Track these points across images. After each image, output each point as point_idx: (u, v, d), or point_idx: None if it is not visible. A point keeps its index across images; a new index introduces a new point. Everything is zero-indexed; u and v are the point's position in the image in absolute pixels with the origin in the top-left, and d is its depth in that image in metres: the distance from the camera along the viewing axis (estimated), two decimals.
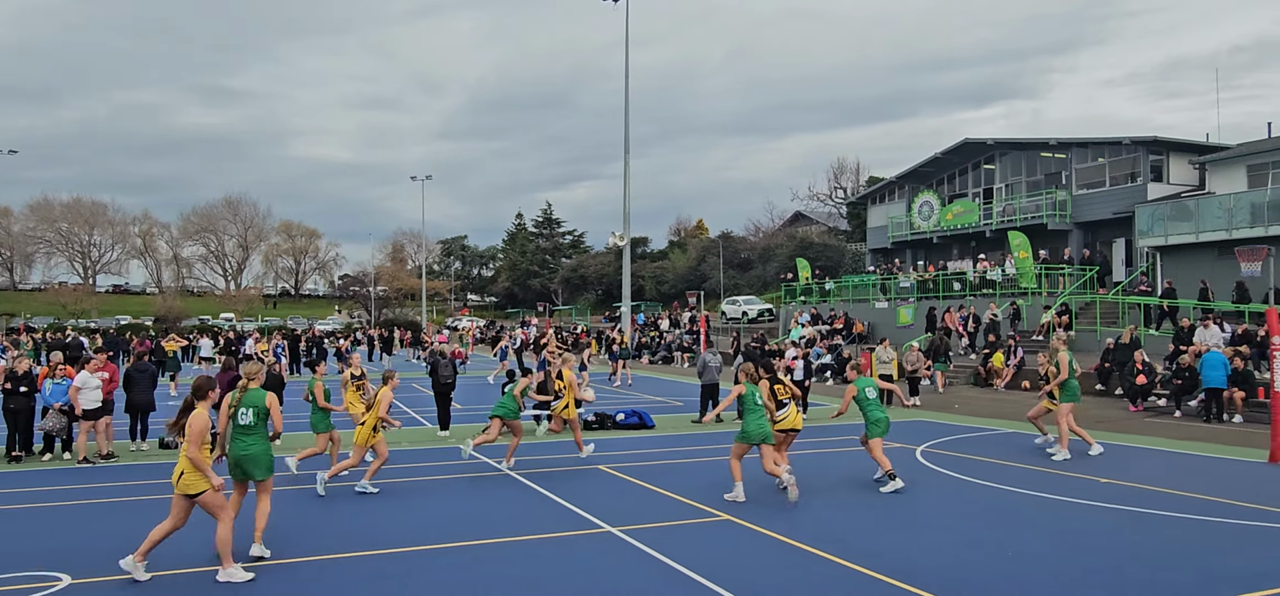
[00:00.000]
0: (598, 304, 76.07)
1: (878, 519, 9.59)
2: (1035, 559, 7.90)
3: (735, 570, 7.59)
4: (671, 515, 9.74)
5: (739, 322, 47.96)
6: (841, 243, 61.42)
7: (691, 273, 67.68)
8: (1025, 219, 36.67)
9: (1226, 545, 8.29)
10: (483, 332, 61.89)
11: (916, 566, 7.63)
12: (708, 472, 12.59)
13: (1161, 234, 29.82)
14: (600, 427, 17.31)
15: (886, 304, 36.29)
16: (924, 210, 41.93)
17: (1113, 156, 35.05)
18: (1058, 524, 9.25)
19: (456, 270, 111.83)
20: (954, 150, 41.23)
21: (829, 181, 74.59)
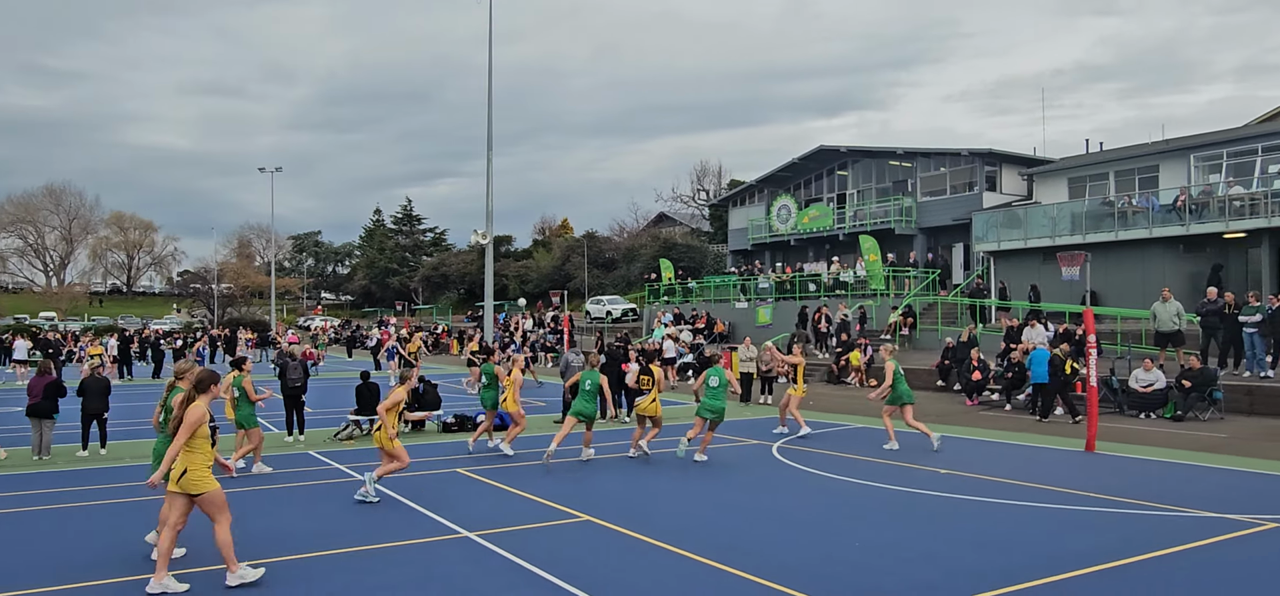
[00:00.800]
0: (460, 303, 74.60)
1: (735, 514, 9.78)
2: (879, 547, 8.26)
3: (594, 571, 7.55)
4: (531, 517, 9.60)
5: (603, 322, 48.12)
6: (704, 244, 62.71)
7: (556, 272, 67.42)
8: (875, 223, 38.53)
9: (1049, 529, 8.92)
10: (337, 332, 59.51)
11: (771, 559, 7.82)
12: (569, 473, 12.51)
13: (995, 240, 31.99)
14: (460, 429, 16.92)
15: (746, 304, 37.28)
16: (782, 213, 43.38)
17: (953, 166, 37.35)
18: (901, 513, 9.71)
19: (309, 267, 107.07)
20: (810, 156, 42.86)
21: (692, 183, 76.10)
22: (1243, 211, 25.26)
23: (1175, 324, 20.22)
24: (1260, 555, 7.88)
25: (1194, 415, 17.03)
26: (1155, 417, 17.40)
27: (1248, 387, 18.02)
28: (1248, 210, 25.15)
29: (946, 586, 7.01)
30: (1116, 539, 8.41)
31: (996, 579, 7.17)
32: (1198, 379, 17.20)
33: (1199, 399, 17.14)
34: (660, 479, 12.08)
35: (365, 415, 16.23)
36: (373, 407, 16.25)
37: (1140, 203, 28.35)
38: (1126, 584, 7.07)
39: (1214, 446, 14.05)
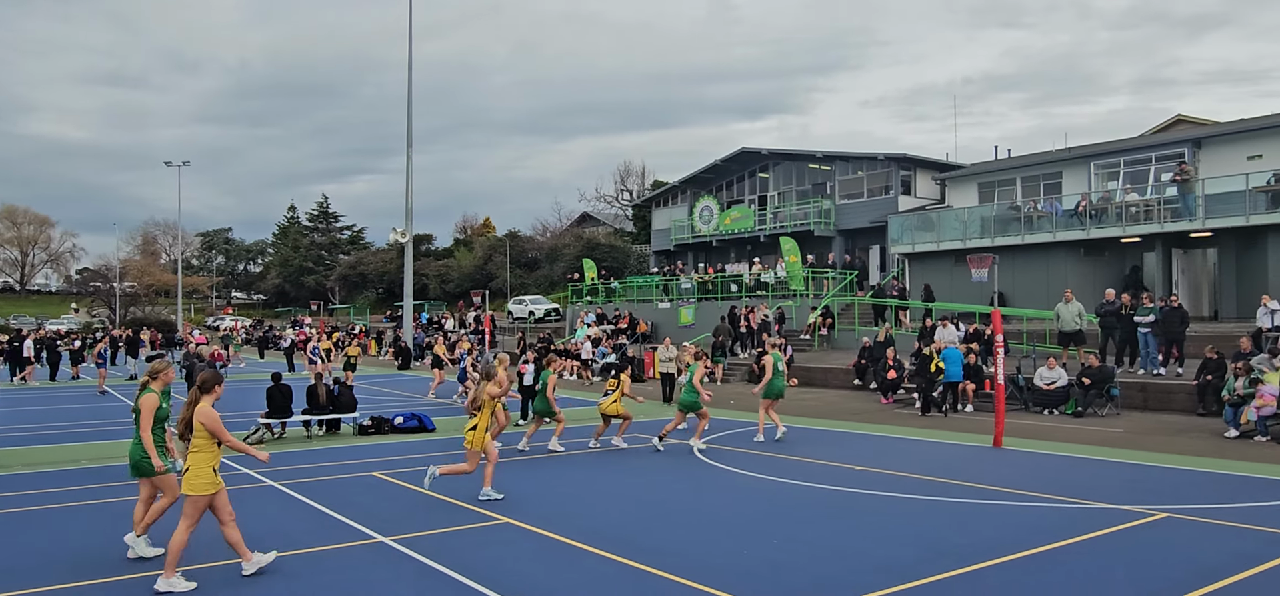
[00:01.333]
0: (378, 302, 73.00)
1: (655, 514, 9.79)
2: (796, 543, 8.37)
3: (511, 574, 7.45)
4: (449, 521, 9.42)
5: (526, 322, 47.75)
6: (627, 244, 62.81)
7: (478, 271, 66.60)
8: (795, 225, 39.20)
9: (958, 522, 9.18)
10: (249, 333, 57.58)
11: (690, 558, 7.84)
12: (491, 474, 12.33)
13: (909, 242, 32.90)
14: (377, 432, 16.53)
15: (669, 304, 37.46)
16: (704, 214, 43.76)
17: (870, 171, 38.27)
18: (818, 510, 9.86)
19: (219, 265, 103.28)
20: (732, 158, 43.35)
21: (616, 184, 76.13)
22: (1138, 217, 26.55)
23: (1077, 324, 21.12)
24: (1151, 543, 8.26)
25: (1093, 411, 17.81)
26: (1058, 414, 18.13)
27: (1142, 384, 18.93)
28: (1142, 216, 26.45)
29: (858, 580, 7.14)
30: (1021, 530, 8.71)
31: (906, 571, 7.34)
32: (1096, 376, 17.99)
33: (1098, 395, 17.93)
34: (581, 480, 12.01)
35: (276, 418, 15.71)
36: (285, 411, 15.76)
37: (1045, 208, 29.54)
38: (1030, 573, 7.32)
39: (1111, 440, 14.71)
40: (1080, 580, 7.14)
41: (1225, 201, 24.70)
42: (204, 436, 7.13)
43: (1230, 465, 12.32)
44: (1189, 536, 8.48)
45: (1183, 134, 31.47)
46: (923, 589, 6.96)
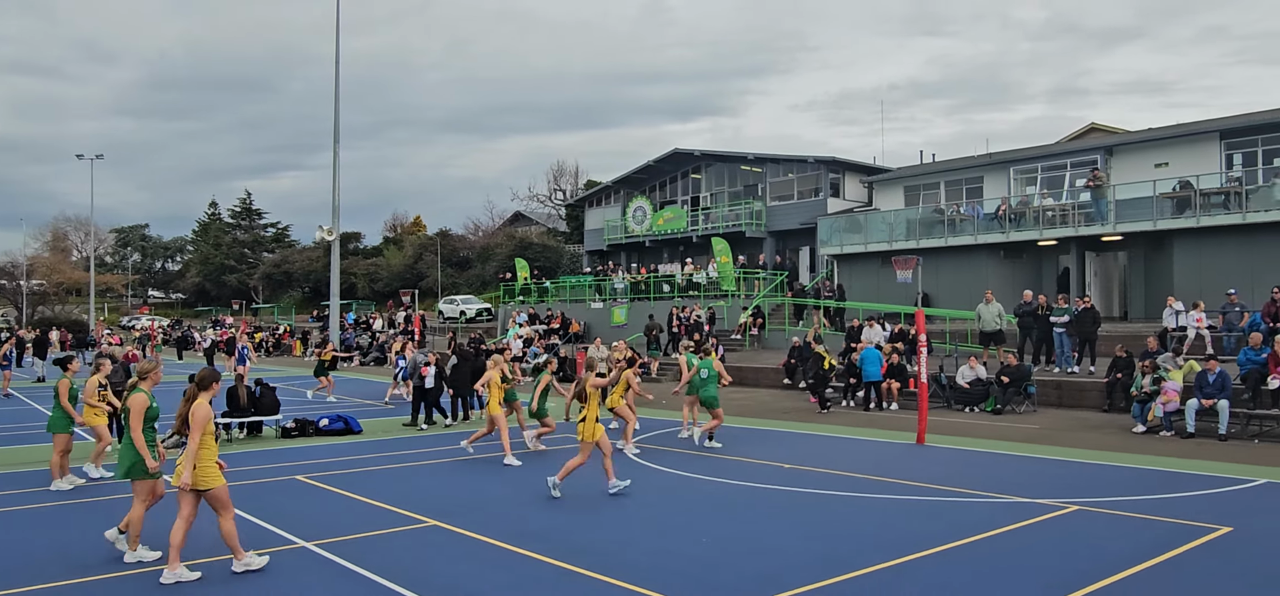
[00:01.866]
0: (304, 302, 71.21)
1: (586, 514, 9.76)
2: (724, 541, 8.44)
3: (438, 577, 7.34)
4: (376, 524, 9.24)
5: (457, 322, 47.16)
6: (560, 244, 62.55)
7: (408, 270, 65.51)
8: (727, 226, 39.56)
9: (883, 518, 9.39)
10: (167, 333, 55.57)
11: (619, 558, 7.83)
12: (418, 477, 12.16)
13: (838, 243, 33.51)
14: (301, 435, 16.11)
15: (602, 305, 37.44)
16: (637, 215, 43.85)
17: (800, 173, 38.86)
18: (747, 507, 9.97)
19: (135, 263, 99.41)
20: (665, 159, 43.52)
21: (549, 183, 75.71)
22: (1054, 221, 27.55)
23: (997, 324, 21.81)
24: (1062, 535, 8.56)
25: (1012, 408, 18.40)
26: (978, 411, 18.68)
27: (1057, 382, 19.64)
28: (1058, 220, 27.45)
29: (786, 575, 7.24)
30: (943, 525, 8.94)
31: (832, 566, 7.46)
32: (1015, 375, 18.60)
33: (1016, 393, 18.53)
34: (513, 481, 11.91)
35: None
36: None
37: (967, 211, 30.43)
38: (950, 566, 7.52)
39: (1028, 436, 15.22)
40: (996, 572, 7.36)
41: (1135, 207, 25.80)
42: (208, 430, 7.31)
43: (1137, 459, 12.87)
44: (1097, 528, 8.82)
45: (1096, 142, 32.76)
46: (848, 583, 7.09)
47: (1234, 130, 26.89)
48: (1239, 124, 27.26)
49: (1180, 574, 7.26)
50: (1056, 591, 6.79)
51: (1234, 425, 14.58)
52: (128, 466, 7.89)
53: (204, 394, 7.46)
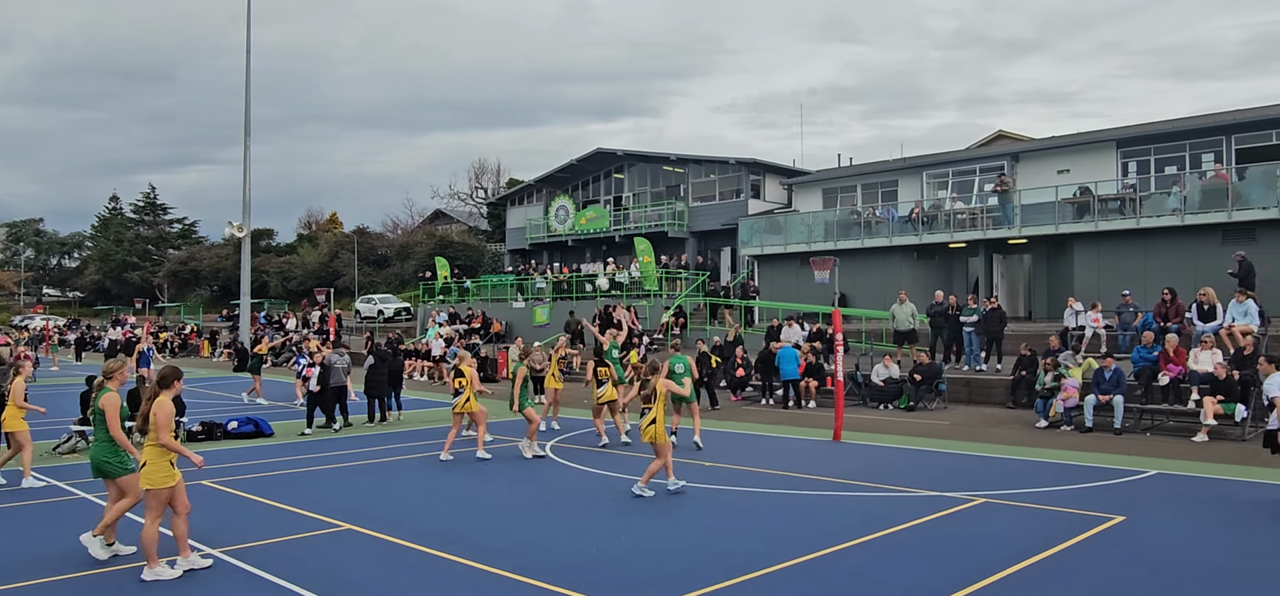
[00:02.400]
0: (212, 301, 68.67)
1: (507, 515, 9.66)
2: (644, 539, 8.47)
3: (351, 581, 7.18)
4: (288, 529, 8.97)
5: (375, 322, 46.17)
6: (482, 242, 61.85)
7: (323, 269, 63.82)
8: (649, 226, 39.73)
9: (801, 513, 9.56)
10: (63, 332, 52.86)
11: (541, 559, 7.78)
12: (333, 480, 11.85)
13: (759, 244, 34.01)
14: (208, 438, 15.52)
15: (523, 304, 37.16)
16: (560, 214, 43.67)
17: (721, 174, 39.29)
18: (667, 506, 10.02)
19: (28, 259, 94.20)
20: (588, 158, 43.46)
21: (470, 181, 74.78)
22: (964, 224, 28.52)
23: (910, 323, 22.46)
24: (968, 527, 8.87)
25: (924, 405, 18.97)
26: (892, 408, 19.20)
27: (966, 379, 20.33)
28: (968, 223, 28.43)
29: (703, 572, 7.30)
30: (857, 519, 9.15)
31: (751, 562, 7.56)
32: (927, 373, 19.18)
33: (928, 390, 19.11)
34: (431, 483, 11.72)
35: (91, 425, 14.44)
36: None
37: (882, 214, 31.25)
38: (863, 559, 7.71)
39: (939, 432, 15.71)
40: (906, 563, 7.57)
41: (1038, 211, 26.90)
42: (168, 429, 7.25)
43: (1039, 452, 13.42)
44: (1001, 519, 9.16)
45: (1003, 148, 34.06)
46: (766, 578, 7.19)
47: (1129, 140, 28.30)
48: (1134, 134, 28.71)
49: (1077, 561, 7.59)
50: (962, 581, 7.02)
51: (1128, 419, 15.33)
52: (97, 464, 7.90)
53: (165, 392, 7.43)
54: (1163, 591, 6.79)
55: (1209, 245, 22.91)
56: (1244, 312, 16.57)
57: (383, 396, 18.21)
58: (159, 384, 7.54)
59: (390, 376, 18.64)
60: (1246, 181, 23.29)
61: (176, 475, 7.37)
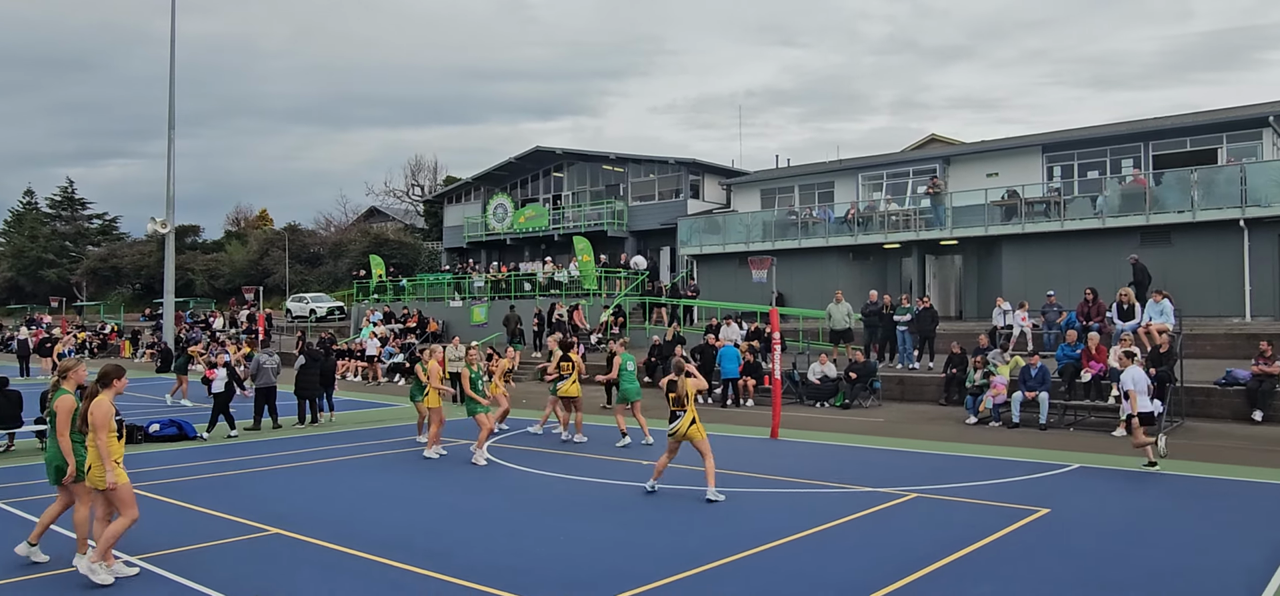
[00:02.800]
0: (134, 299, 66.29)
1: (443, 517, 9.51)
2: (581, 539, 8.42)
3: (279, 587, 6.97)
4: (213, 535, 8.67)
5: (306, 321, 45.11)
6: (418, 241, 60.91)
7: (252, 267, 62.09)
8: (589, 225, 39.62)
9: (739, 510, 9.61)
10: None
11: (477, 560, 7.66)
12: (260, 484, 11.51)
13: (698, 244, 34.19)
14: (130, 441, 14.89)
15: (460, 303, 36.71)
16: (498, 212, 43.27)
17: (661, 174, 39.40)
18: (607, 506, 9.99)
19: None
20: (527, 156, 43.14)
21: (406, 179, 73.57)
22: (898, 225, 29.11)
23: (846, 322, 22.83)
24: (901, 520, 9.03)
25: (859, 403, 19.29)
26: (828, 406, 19.48)
27: (900, 377, 20.75)
28: (902, 224, 29.03)
29: (641, 570, 7.28)
30: (794, 515, 9.24)
31: (689, 560, 7.57)
32: (862, 371, 19.51)
33: (863, 388, 19.44)
34: (364, 485, 11.47)
35: (4, 428, 13.82)
36: (14, 419, 13.91)
37: (819, 215, 31.70)
38: (798, 555, 7.78)
39: (873, 429, 15.99)
40: (840, 557, 7.67)
41: (969, 213, 27.61)
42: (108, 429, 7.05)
43: (969, 448, 13.75)
44: (933, 513, 9.35)
45: (935, 152, 34.87)
46: (703, 575, 7.20)
47: (1054, 144, 29.23)
48: (1058, 139, 29.66)
49: (1004, 552, 7.78)
50: (896, 574, 7.13)
51: (1053, 415, 15.81)
52: (55, 468, 7.61)
53: (105, 390, 7.22)
54: (1084, 578, 7.00)
55: (1128, 247, 23.76)
56: (1160, 312, 17.24)
57: (314, 397, 17.80)
58: (98, 382, 7.29)
59: (322, 376, 18.24)
60: (1163, 186, 24.25)
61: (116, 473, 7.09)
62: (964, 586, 6.88)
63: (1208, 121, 26.75)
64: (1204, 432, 14.62)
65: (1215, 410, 16.03)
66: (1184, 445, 13.41)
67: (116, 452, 7.15)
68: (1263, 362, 15.56)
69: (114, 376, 7.37)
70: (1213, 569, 7.26)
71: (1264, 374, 15.46)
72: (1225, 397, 16.07)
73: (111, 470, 7.04)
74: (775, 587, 6.93)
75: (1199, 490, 10.37)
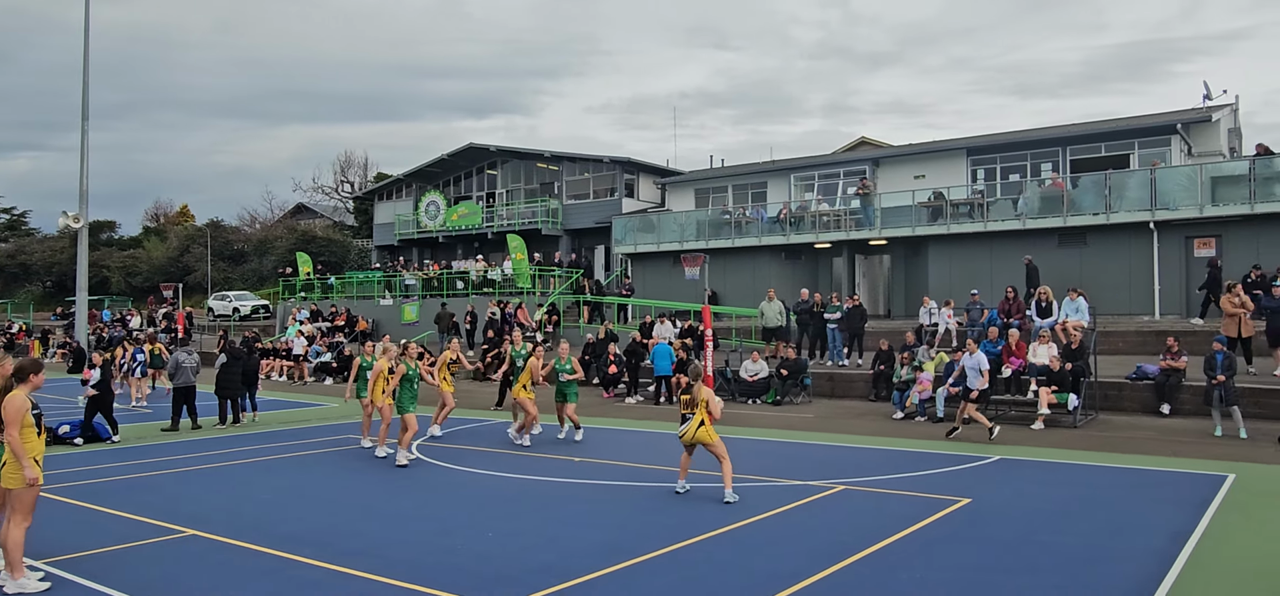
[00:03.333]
0: (45, 297, 63.44)
1: (366, 515, 9.29)
2: (512, 535, 8.32)
3: (193, 590, 6.70)
4: (126, 537, 8.32)
5: (230, 320, 43.77)
6: (347, 238, 59.65)
7: (172, 264, 60.00)
8: (523, 223, 39.33)
9: (670, 505, 9.63)
10: None
11: (400, 558, 7.51)
12: (179, 485, 11.11)
13: (632, 243, 34.22)
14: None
15: (391, 301, 36.07)
16: (431, 210, 42.65)
17: (596, 172, 39.34)
18: (536, 502, 9.90)
19: None
20: (460, 154, 42.62)
21: (336, 175, 71.99)
22: (829, 225, 29.60)
23: (778, 320, 23.11)
24: (829, 512, 9.17)
25: (790, 399, 19.53)
26: (760, 402, 19.68)
27: (830, 374, 21.09)
28: (832, 224, 29.53)
29: (571, 565, 7.22)
30: (723, 509, 9.29)
31: (616, 554, 7.54)
32: (793, 368, 19.76)
33: (794, 385, 19.69)
34: (285, 484, 11.15)
35: None
36: None
37: (752, 214, 32.04)
38: (727, 547, 7.82)
39: (804, 425, 16.20)
40: (768, 549, 7.74)
41: (897, 214, 28.23)
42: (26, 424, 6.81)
43: (896, 442, 14.04)
44: (860, 505, 9.51)
45: (865, 154, 35.55)
46: (632, 568, 7.18)
47: (978, 148, 30.09)
48: (982, 143, 30.54)
49: (927, 539, 7.96)
50: (822, 563, 7.23)
51: None
52: None
53: (21, 386, 6.95)
54: (1002, 565, 7.19)
55: (1047, 247, 24.61)
56: (1076, 309, 17.88)
57: (236, 397, 17.25)
58: (14, 376, 7.00)
59: (244, 376, 17.70)
60: (1079, 189, 25.17)
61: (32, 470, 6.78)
62: (887, 575, 7.00)
63: (1121, 128, 27.86)
64: (1116, 424, 15.19)
65: (1126, 403, 16.69)
66: (1097, 436, 13.92)
67: (35, 449, 6.85)
68: (1170, 358, 16.24)
69: (31, 371, 7.07)
70: (1122, 553, 7.54)
71: (1171, 369, 16.14)
72: (1135, 391, 16.73)
73: (28, 466, 6.70)
74: (705, 579, 6.95)
75: (1111, 479, 10.77)
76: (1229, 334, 16.19)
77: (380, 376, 13.33)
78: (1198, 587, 6.62)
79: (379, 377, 13.34)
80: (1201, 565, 7.15)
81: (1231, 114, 30.14)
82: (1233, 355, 14.80)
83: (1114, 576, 6.91)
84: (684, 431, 10.16)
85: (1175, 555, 7.39)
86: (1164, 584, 6.66)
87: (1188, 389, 16.00)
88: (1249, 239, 22.13)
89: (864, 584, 6.78)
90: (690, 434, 10.10)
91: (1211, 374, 14.16)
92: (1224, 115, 28.58)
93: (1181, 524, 8.41)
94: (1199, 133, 27.28)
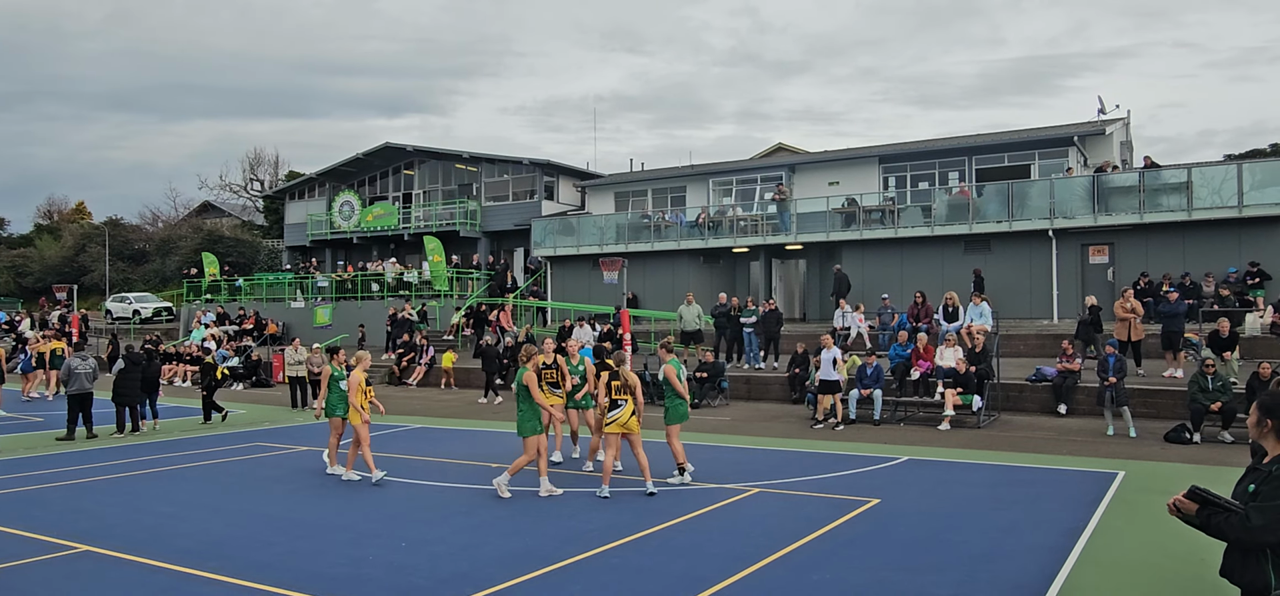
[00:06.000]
0: None
1: (269, 527, 9.01)
2: (424, 544, 8.18)
3: None
4: (12, 555, 7.87)
5: (129, 322, 41.84)
6: (257, 238, 57.71)
7: (67, 263, 57.05)
8: (440, 225, 38.71)
9: (587, 509, 9.61)
10: None
11: (307, 570, 7.30)
12: (71, 498, 10.56)
13: (552, 245, 34.06)
14: None
15: (303, 304, 35.04)
16: (345, 210, 41.60)
17: (515, 174, 39.01)
18: (452, 509, 9.75)
19: None
20: (375, 153, 41.70)
21: (244, 173, 69.56)
22: (746, 230, 30.03)
23: (697, 324, 23.32)
24: (744, 514, 9.30)
25: (707, 402, 19.74)
26: None
27: (747, 377, 21.39)
28: (750, 229, 29.97)
29: (485, 573, 7.15)
30: (640, 512, 9.32)
31: (530, 561, 7.49)
32: (711, 371, 19.97)
33: (712, 388, 19.91)
34: (187, 496, 10.71)
35: None
36: None
37: (671, 218, 32.26)
38: (644, 551, 7.85)
39: (721, 428, 16.39)
40: (684, 552, 7.80)
41: (812, 220, 28.83)
42: None
43: (809, 444, 14.33)
44: (774, 507, 9.67)
45: (781, 160, 36.17)
46: (548, 575, 7.14)
47: (889, 156, 30.97)
48: (893, 151, 31.45)
49: (838, 540, 8.15)
50: (737, 565, 7.32)
51: (885, 411, 16.72)
52: None
53: None
54: (907, 563, 7.42)
55: (953, 253, 25.51)
56: (980, 314, 18.58)
57: (135, 404, 16.51)
58: None
59: (144, 382, 16.94)
60: (984, 198, 26.16)
61: None
62: (800, 575, 7.14)
63: (1023, 139, 29.06)
64: (1017, 424, 15.84)
65: (1027, 404, 17.42)
66: (999, 436, 14.49)
67: None
68: (1066, 361, 17.02)
69: None
70: (1020, 549, 7.86)
71: (1067, 371, 16.91)
72: (1035, 393, 17.48)
73: None
74: (621, 583, 6.97)
75: (1011, 478, 11.22)
76: (1120, 338, 17.07)
77: (357, 389, 12.06)
78: (1088, 581, 6.96)
79: (356, 390, 12.06)
80: (1092, 560, 7.51)
81: (1123, 127, 31.79)
82: (1124, 358, 15.62)
83: (1012, 573, 7.20)
84: (616, 418, 10.11)
85: (1068, 550, 7.74)
86: (1057, 580, 6.97)
87: (1083, 390, 16.80)
88: (1139, 246, 23.38)
89: (778, 585, 6.89)
90: (623, 421, 10.06)
91: (1104, 376, 14.91)
92: (1117, 129, 30.12)
93: (1075, 520, 8.82)
94: (1094, 145, 28.67)
